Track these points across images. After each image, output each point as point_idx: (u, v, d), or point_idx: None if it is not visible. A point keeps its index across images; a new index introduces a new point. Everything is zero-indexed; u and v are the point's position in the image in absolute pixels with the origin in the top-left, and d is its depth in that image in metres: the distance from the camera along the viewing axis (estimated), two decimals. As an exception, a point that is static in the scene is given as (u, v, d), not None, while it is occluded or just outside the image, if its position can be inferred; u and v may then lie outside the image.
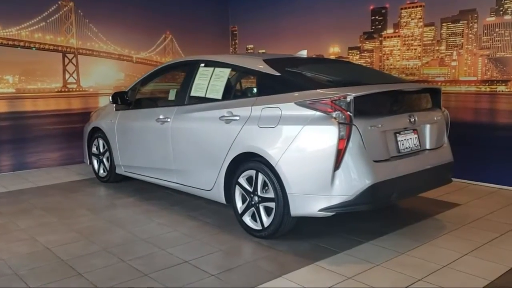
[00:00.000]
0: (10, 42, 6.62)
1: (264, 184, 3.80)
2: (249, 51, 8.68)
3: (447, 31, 5.85)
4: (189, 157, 4.53)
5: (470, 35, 5.66)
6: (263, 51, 8.29)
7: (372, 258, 3.47)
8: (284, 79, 3.87)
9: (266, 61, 4.12)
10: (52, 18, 6.92)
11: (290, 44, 7.99)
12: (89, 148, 6.13)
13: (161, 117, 4.78)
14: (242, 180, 3.98)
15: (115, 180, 5.85)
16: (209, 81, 4.40)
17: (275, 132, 3.68)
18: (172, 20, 8.24)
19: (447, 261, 3.41)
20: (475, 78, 5.64)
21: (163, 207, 4.88)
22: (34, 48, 6.79)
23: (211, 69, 4.46)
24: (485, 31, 5.50)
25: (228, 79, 4.29)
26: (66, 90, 7.18)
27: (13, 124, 7.01)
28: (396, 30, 6.36)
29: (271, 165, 3.67)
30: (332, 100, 3.42)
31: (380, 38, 6.57)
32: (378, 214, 4.52)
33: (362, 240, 3.85)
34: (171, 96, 4.89)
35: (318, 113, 3.47)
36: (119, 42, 7.65)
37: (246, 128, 3.90)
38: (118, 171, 5.67)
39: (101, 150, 5.91)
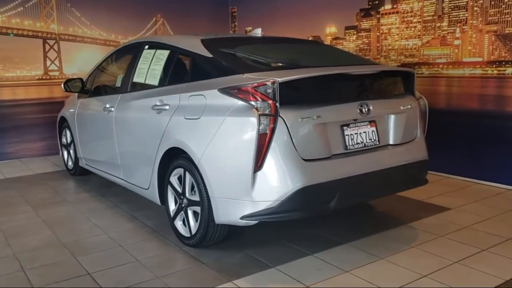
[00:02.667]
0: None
1: (193, 185, 3.27)
2: (247, 33, 8.07)
3: (450, 4, 4.97)
4: (129, 151, 4.07)
5: (475, 8, 4.78)
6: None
7: (305, 277, 2.86)
8: (215, 62, 3.29)
9: (203, 41, 3.55)
10: (31, 3, 6.61)
11: (290, 25, 7.35)
12: (60, 138, 5.82)
13: (107, 106, 4.34)
14: (173, 180, 3.47)
15: (81, 173, 5.49)
16: (149, 65, 3.90)
17: (198, 125, 3.12)
18: (164, 2, 7.72)
19: (396, 284, 2.75)
20: (480, 59, 4.77)
21: (110, 205, 4.45)
22: (11, 34, 6.52)
23: (153, 51, 3.96)
24: (492, 2, 4.61)
25: (165, 63, 3.75)
26: (48, 77, 6.89)
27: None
28: (394, 6, 5.54)
29: (195, 163, 3.13)
30: (253, 86, 2.81)
31: (378, 15, 5.76)
32: (345, 219, 3.87)
33: (307, 252, 3.24)
34: (118, 82, 4.41)
35: (240, 102, 2.87)
36: (104, 26, 7.26)
37: (173, 120, 3.37)
38: (80, 163, 5.30)
39: (68, 141, 5.57)
